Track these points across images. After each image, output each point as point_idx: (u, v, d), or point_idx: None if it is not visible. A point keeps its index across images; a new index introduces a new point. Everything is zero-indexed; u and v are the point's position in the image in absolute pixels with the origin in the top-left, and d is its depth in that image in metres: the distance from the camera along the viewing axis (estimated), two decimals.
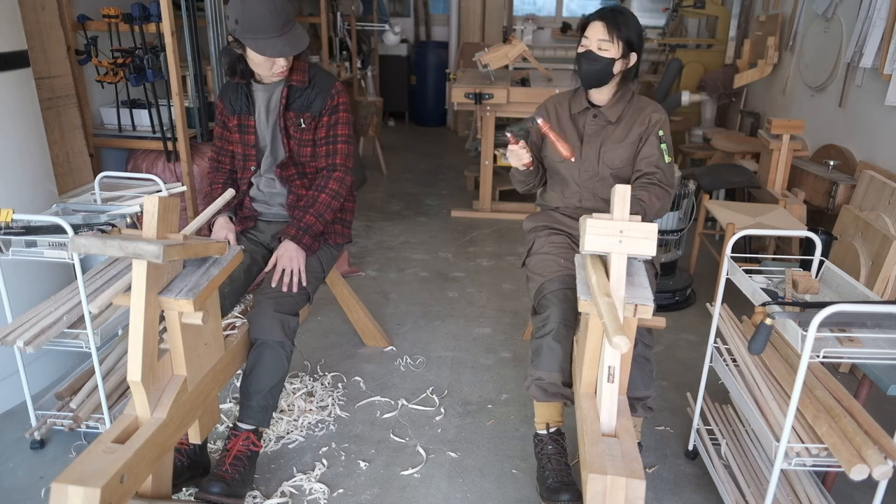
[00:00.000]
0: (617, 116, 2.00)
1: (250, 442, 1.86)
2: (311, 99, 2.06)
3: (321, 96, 2.06)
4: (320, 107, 2.07)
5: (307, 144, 2.10)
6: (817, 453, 1.49)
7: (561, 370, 1.75)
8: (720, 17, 5.28)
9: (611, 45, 1.90)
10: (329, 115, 2.08)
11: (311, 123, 2.08)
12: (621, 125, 2.00)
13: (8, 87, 2.14)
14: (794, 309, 1.52)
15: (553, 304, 1.80)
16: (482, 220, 4.33)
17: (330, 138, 2.09)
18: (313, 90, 2.07)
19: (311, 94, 2.06)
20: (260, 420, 1.88)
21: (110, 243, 1.30)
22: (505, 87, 4.09)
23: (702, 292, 3.23)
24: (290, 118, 2.07)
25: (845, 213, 2.83)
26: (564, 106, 2.08)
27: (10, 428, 2.14)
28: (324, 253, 2.17)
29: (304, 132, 2.08)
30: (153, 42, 2.99)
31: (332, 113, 2.08)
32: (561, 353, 1.75)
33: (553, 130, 1.80)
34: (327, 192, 2.08)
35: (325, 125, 2.08)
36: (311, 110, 2.06)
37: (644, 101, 2.03)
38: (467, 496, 1.92)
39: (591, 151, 2.01)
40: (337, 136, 2.10)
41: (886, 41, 2.95)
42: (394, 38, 7.06)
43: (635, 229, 1.39)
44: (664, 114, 2.00)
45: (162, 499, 1.57)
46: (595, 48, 1.91)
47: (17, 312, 1.97)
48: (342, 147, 2.10)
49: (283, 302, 1.93)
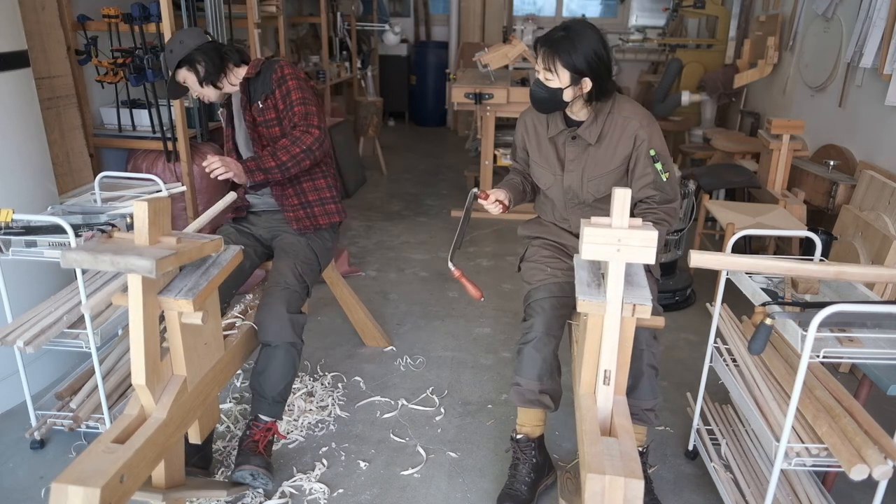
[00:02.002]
0: (596, 137, 1.83)
1: (273, 432, 1.95)
2: (263, 81, 2.17)
3: (268, 75, 2.16)
4: (269, 84, 2.15)
5: (274, 124, 2.17)
6: (817, 453, 1.49)
7: (539, 378, 1.76)
8: (720, 17, 5.28)
9: (553, 76, 1.76)
10: (279, 87, 2.14)
11: (268, 102, 2.15)
12: (603, 146, 1.84)
13: (8, 87, 2.14)
14: (794, 309, 1.52)
15: (537, 313, 1.81)
16: (482, 220, 4.33)
17: (287, 107, 2.13)
18: (263, 75, 2.18)
19: (262, 78, 2.17)
20: (276, 413, 1.96)
21: (101, 258, 1.29)
22: (505, 87, 4.09)
23: (702, 292, 3.23)
24: (255, 108, 2.18)
25: (845, 213, 2.83)
26: (543, 123, 1.93)
27: (10, 428, 2.14)
28: (315, 242, 2.18)
29: (266, 112, 2.16)
30: (153, 42, 2.99)
31: (281, 84, 2.14)
32: (540, 362, 1.76)
33: (463, 276, 1.75)
34: (289, 138, 2.08)
35: (278, 98, 2.15)
36: (265, 91, 2.16)
37: (627, 107, 1.84)
38: (467, 496, 1.92)
39: (573, 179, 1.89)
40: (292, 101, 2.13)
41: (886, 41, 2.95)
42: (394, 38, 7.06)
43: (634, 237, 1.35)
44: (651, 125, 1.82)
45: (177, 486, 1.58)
46: (542, 77, 1.79)
47: (17, 312, 1.97)
48: (298, 109, 2.12)
49: (290, 300, 1.96)
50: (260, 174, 2.01)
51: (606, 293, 1.41)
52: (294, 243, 2.13)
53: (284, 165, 2.03)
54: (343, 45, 5.95)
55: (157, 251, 1.35)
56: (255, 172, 2.00)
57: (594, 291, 1.46)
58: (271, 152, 2.04)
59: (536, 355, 1.76)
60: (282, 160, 2.03)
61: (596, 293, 1.45)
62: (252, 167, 2.00)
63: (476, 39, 6.92)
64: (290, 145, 2.05)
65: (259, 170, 2.01)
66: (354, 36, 6.12)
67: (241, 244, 2.07)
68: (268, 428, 1.93)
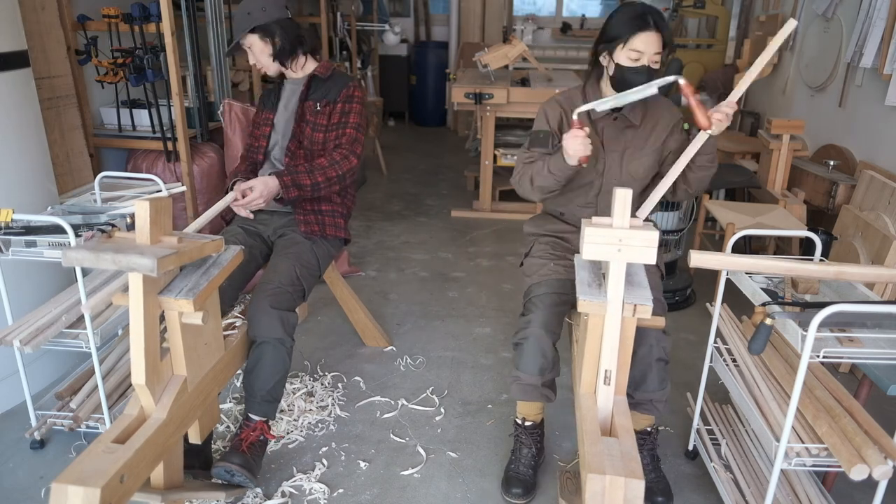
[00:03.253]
0: (640, 119, 1.89)
1: (261, 432, 1.91)
2: (330, 88, 2.21)
3: (338, 86, 2.21)
4: (336, 95, 2.20)
5: (320, 130, 2.19)
6: (817, 453, 1.49)
7: (540, 372, 1.77)
8: (720, 17, 5.28)
9: (662, 57, 1.76)
10: (343, 103, 2.19)
11: (326, 108, 2.19)
12: (642, 128, 1.90)
13: (8, 87, 2.14)
14: (794, 309, 1.52)
15: (537, 307, 1.81)
16: (482, 220, 4.33)
17: (341, 123, 2.18)
18: (333, 81, 2.23)
19: (330, 84, 2.22)
20: (266, 412, 1.93)
21: (103, 256, 1.30)
22: (505, 87, 4.09)
23: (702, 292, 3.23)
24: (309, 106, 2.21)
25: (845, 213, 2.83)
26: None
27: (10, 428, 2.14)
28: (320, 248, 2.17)
29: (318, 115, 2.19)
30: (153, 42, 2.99)
31: (347, 101, 2.19)
32: (540, 356, 1.77)
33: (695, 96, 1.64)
34: (326, 158, 2.13)
35: (338, 112, 2.19)
36: (327, 97, 2.20)
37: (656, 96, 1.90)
38: (467, 496, 1.92)
39: (613, 160, 1.90)
40: (348, 122, 2.18)
41: (886, 41, 2.95)
42: (394, 38, 7.06)
43: (635, 237, 1.35)
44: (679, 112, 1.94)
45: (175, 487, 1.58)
46: (650, 62, 1.75)
47: (17, 313, 1.97)
48: (350, 132, 2.17)
49: (280, 298, 1.93)
50: (294, 191, 2.05)
51: (607, 293, 1.41)
52: (298, 244, 2.12)
53: (318, 186, 2.09)
54: (343, 45, 5.95)
55: (158, 250, 1.35)
56: (291, 189, 2.05)
57: (595, 291, 1.46)
58: (308, 170, 2.08)
59: (536, 349, 1.76)
60: (317, 180, 2.08)
61: (597, 293, 1.45)
62: (288, 182, 2.04)
63: (476, 39, 6.92)
64: (328, 168, 2.10)
65: (294, 186, 2.05)
66: (354, 36, 6.12)
67: (247, 244, 2.08)
68: (255, 427, 1.90)
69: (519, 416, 1.99)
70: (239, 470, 1.79)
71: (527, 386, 1.79)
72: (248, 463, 1.82)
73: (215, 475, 1.81)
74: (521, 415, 1.99)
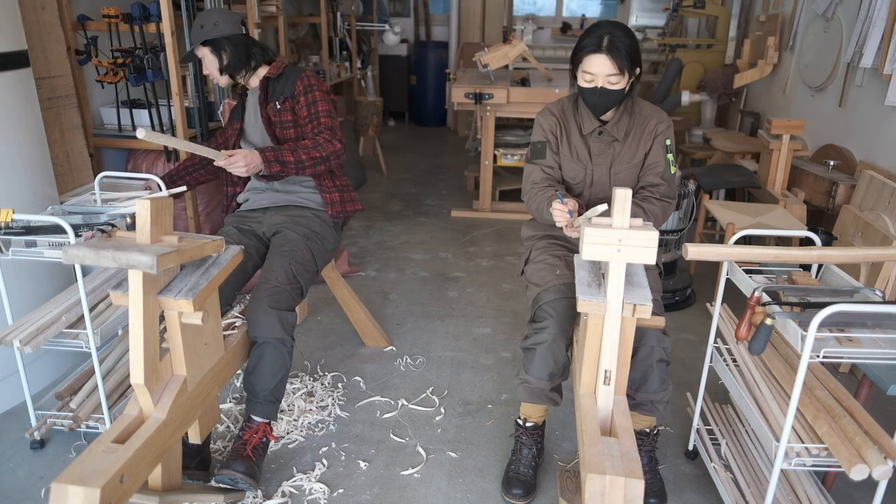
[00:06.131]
0: (624, 133, 1.91)
1: (264, 434, 1.92)
2: (284, 85, 2.26)
3: (292, 80, 2.26)
4: (292, 88, 2.24)
5: (289, 126, 2.26)
6: (817, 453, 1.49)
7: (550, 378, 1.78)
8: (720, 17, 5.28)
9: (620, 77, 1.77)
10: (305, 95, 2.23)
11: (286, 104, 2.24)
12: (628, 141, 1.92)
13: (8, 87, 2.14)
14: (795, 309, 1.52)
15: (550, 315, 1.79)
16: (482, 220, 4.33)
17: (312, 115, 2.23)
18: (286, 77, 2.27)
19: (284, 80, 2.27)
20: (268, 413, 1.93)
21: (104, 254, 1.30)
22: (505, 87, 4.09)
23: (702, 292, 3.23)
24: (270, 108, 2.26)
25: (845, 213, 2.83)
26: (571, 120, 1.96)
27: (10, 428, 2.14)
28: (316, 245, 2.18)
29: (281, 114, 2.25)
30: (153, 42, 2.99)
31: (307, 92, 2.23)
32: (553, 363, 1.77)
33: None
34: (311, 140, 2.18)
35: (303, 105, 2.23)
36: (284, 94, 2.25)
37: (646, 107, 1.94)
38: (467, 496, 1.92)
39: (601, 173, 1.94)
40: (318, 112, 2.23)
41: (886, 41, 2.95)
42: (394, 38, 7.06)
43: (635, 238, 1.34)
44: (669, 122, 1.93)
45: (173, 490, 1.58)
46: (604, 84, 1.78)
47: (17, 313, 1.97)
48: (325, 121, 2.22)
49: (278, 298, 1.94)
50: (277, 166, 2.10)
51: (607, 293, 1.41)
52: (293, 242, 2.12)
53: (301, 164, 2.13)
54: (343, 45, 5.95)
55: (158, 248, 1.35)
56: (273, 163, 2.09)
57: (595, 291, 1.46)
58: (292, 148, 2.13)
59: (549, 356, 1.77)
60: (300, 158, 2.12)
61: (596, 293, 1.45)
62: (270, 158, 2.09)
63: (476, 39, 6.92)
64: (312, 148, 2.15)
65: (276, 161, 2.10)
66: (354, 36, 6.11)
67: (242, 244, 2.07)
68: (258, 430, 1.90)
69: (521, 416, 2.00)
70: (243, 478, 1.80)
71: (535, 389, 1.80)
72: (251, 470, 1.83)
73: (218, 482, 1.81)
74: (524, 416, 1.99)
